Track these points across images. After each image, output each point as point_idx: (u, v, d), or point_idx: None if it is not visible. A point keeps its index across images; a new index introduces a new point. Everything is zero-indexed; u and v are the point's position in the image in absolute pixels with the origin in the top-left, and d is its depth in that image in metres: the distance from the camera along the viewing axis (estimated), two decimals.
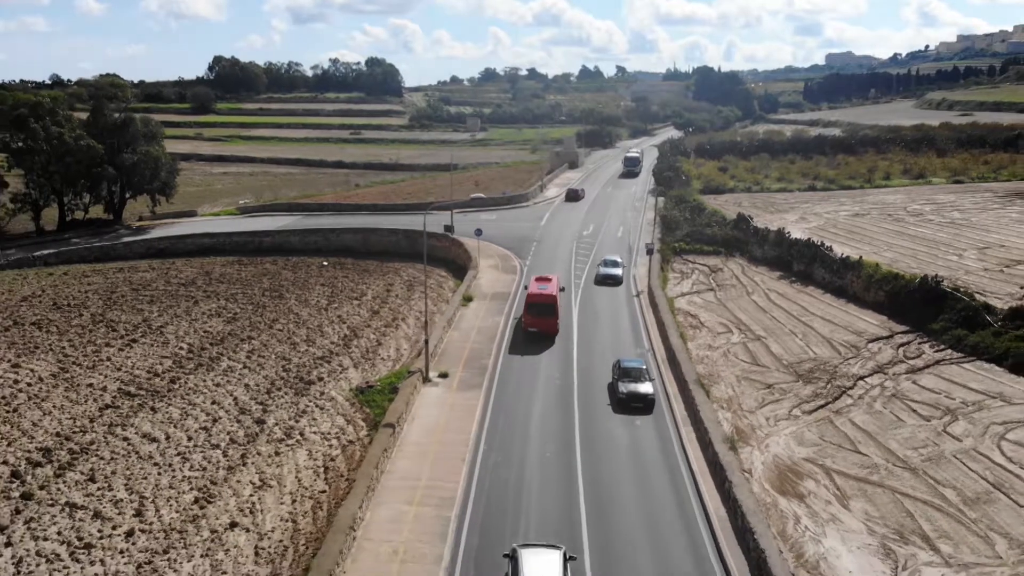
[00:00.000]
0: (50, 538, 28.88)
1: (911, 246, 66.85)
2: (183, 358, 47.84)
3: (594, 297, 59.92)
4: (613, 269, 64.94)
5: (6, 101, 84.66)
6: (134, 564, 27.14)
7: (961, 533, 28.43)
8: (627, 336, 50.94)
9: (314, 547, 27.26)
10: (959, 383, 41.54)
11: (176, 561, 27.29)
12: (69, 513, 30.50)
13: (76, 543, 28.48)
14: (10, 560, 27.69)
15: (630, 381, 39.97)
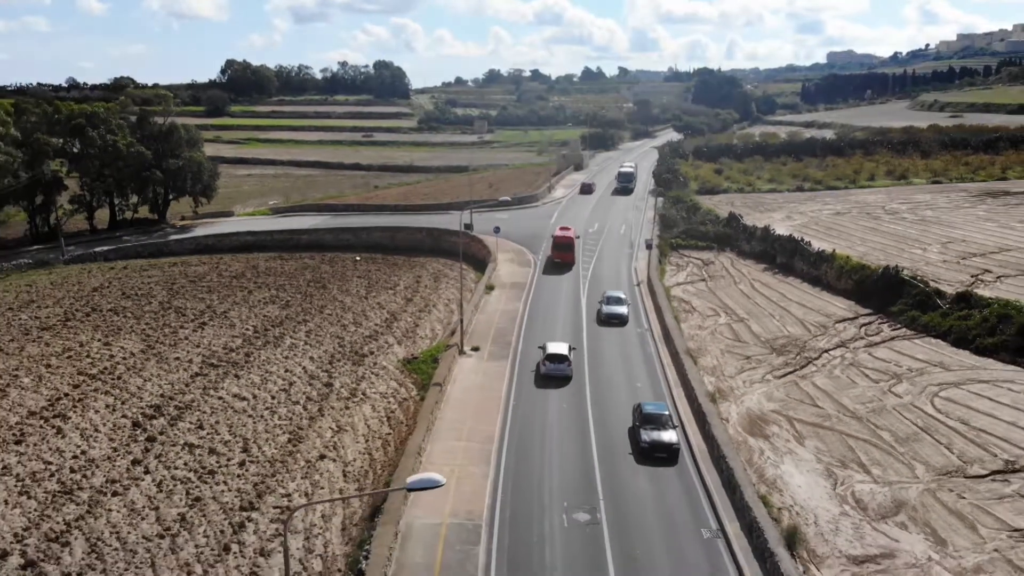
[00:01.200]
0: (179, 467, 37.18)
1: (882, 241, 74.99)
2: (251, 337, 56.16)
3: (599, 292, 68.04)
4: (618, 307, 58.67)
5: (63, 111, 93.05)
6: (251, 484, 35.42)
7: (889, 461, 36.59)
8: (629, 316, 59.13)
9: (389, 470, 35.55)
10: (907, 354, 49.68)
11: (282, 482, 35.58)
12: (189, 450, 38.81)
13: (201, 470, 36.77)
14: (151, 483, 35.97)
15: (653, 429, 37.31)
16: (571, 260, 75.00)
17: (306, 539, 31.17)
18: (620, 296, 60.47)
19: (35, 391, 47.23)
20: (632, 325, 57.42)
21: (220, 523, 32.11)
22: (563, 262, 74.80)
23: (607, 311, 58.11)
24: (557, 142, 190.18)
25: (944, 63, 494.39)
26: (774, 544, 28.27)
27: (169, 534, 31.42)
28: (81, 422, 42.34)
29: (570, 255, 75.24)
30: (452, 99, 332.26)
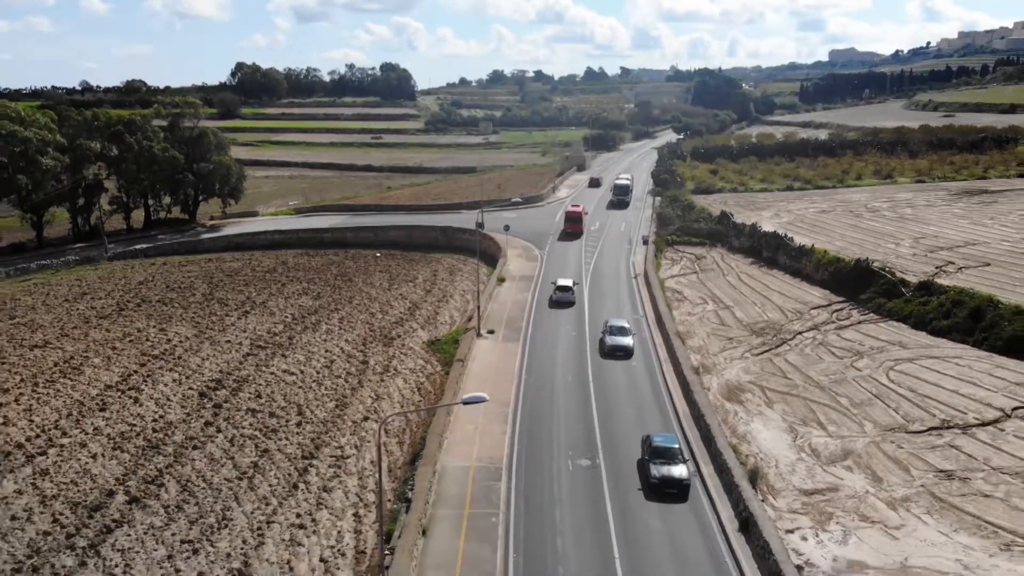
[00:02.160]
0: (245, 427, 44.13)
1: (860, 237, 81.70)
2: (290, 323, 63.14)
3: (602, 284, 74.88)
4: (622, 338, 54.06)
5: (101, 118, 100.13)
6: (308, 439, 42.39)
7: (844, 421, 43.38)
8: (626, 305, 66.00)
9: (424, 427, 42.43)
10: (871, 336, 56.47)
11: (335, 438, 42.52)
12: (252, 414, 45.77)
13: (265, 429, 43.74)
14: (224, 439, 42.90)
15: (663, 463, 36.25)
16: (580, 231, 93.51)
17: (359, 479, 38.13)
18: (624, 325, 55.77)
19: (107, 369, 54.25)
20: (629, 312, 64.25)
21: (287, 468, 39.07)
22: (574, 232, 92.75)
23: (611, 343, 53.66)
24: (560, 143, 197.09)
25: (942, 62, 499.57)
26: (739, 479, 35.08)
27: (246, 476, 38.40)
28: (154, 393, 49.33)
29: (579, 226, 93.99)
30: (457, 100, 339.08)
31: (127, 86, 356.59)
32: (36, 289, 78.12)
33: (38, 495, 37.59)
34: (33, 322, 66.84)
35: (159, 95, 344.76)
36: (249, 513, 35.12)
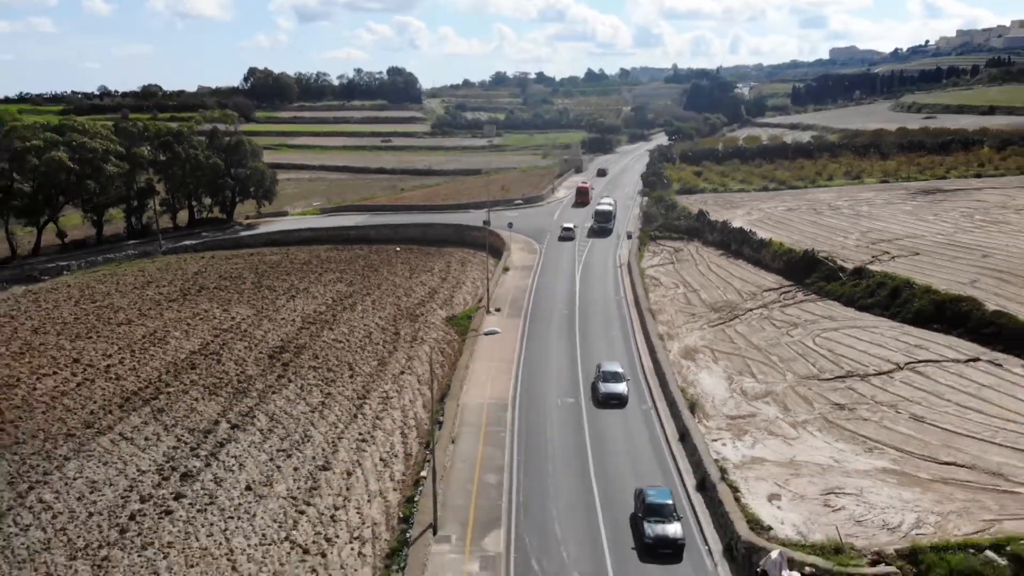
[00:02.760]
0: (310, 379, 57.04)
1: (816, 231, 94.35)
2: (331, 305, 76.08)
3: (592, 274, 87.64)
4: (615, 385, 51.32)
5: (151, 129, 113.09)
6: (360, 386, 55.29)
7: (771, 372, 56.08)
8: (611, 289, 78.78)
9: (447, 378, 55.30)
10: (808, 311, 69.21)
11: (380, 385, 55.42)
12: (313, 370, 58.70)
13: (325, 380, 56.64)
14: (295, 387, 55.78)
15: (657, 522, 35.32)
16: (587, 201, 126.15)
17: (402, 412, 51.05)
18: (617, 371, 53.02)
19: (187, 339, 67.25)
20: (612, 293, 77.06)
21: (347, 405, 52.00)
22: (581, 202, 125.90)
23: (605, 390, 51.02)
24: (560, 145, 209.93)
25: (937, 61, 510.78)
26: (682, 408, 47.91)
27: (317, 411, 51.35)
28: (231, 356, 62.31)
29: (587, 197, 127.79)
30: (461, 103, 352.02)
31: (143, 91, 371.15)
32: (106, 279, 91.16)
33: (161, 425, 50.53)
34: (113, 305, 79.88)
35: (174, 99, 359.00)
36: (323, 433, 48.05)
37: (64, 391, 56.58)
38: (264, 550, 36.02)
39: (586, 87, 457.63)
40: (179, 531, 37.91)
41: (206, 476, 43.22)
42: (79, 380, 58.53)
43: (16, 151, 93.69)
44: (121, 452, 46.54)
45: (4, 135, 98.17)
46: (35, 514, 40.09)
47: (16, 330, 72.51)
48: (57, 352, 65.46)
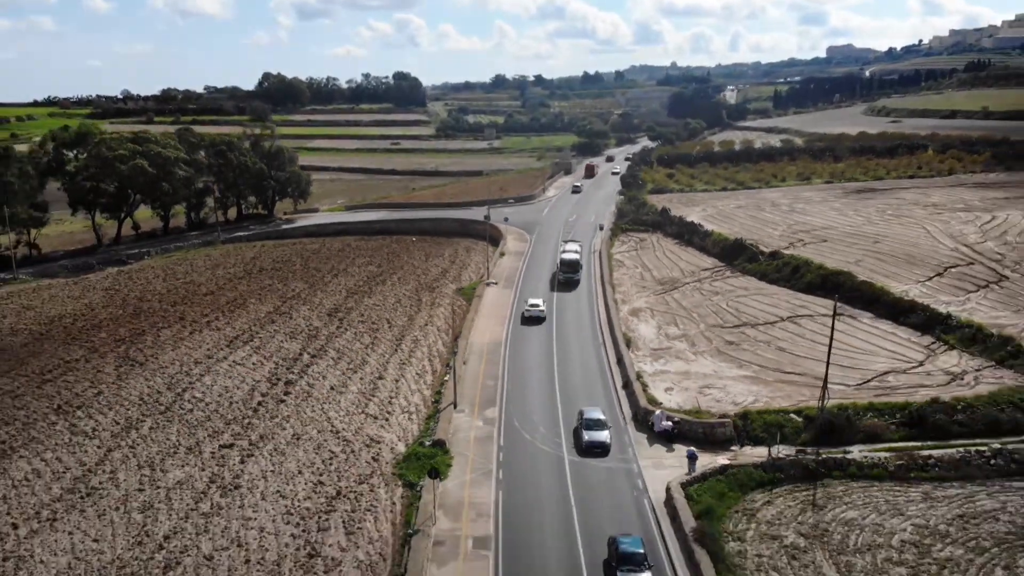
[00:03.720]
0: (361, 329, 79.23)
1: (753, 224, 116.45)
2: (366, 281, 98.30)
3: None
4: (598, 433, 51.49)
5: (205, 139, 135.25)
6: (396, 334, 77.49)
7: (689, 323, 78.15)
8: (583, 268, 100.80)
9: (459, 328, 77.56)
10: (730, 284, 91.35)
11: (410, 333, 77.63)
12: (361, 323, 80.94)
13: (371, 330, 78.86)
14: (351, 333, 78.00)
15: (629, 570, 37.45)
16: (594, 173, 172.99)
17: (428, 349, 73.34)
18: (600, 418, 53.29)
19: (261, 304, 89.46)
20: (586, 270, 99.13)
21: (389, 344, 74.23)
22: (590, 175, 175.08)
23: (588, 439, 51.30)
24: (554, 148, 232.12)
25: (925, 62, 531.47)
26: (620, 344, 70.11)
27: (368, 347, 73.52)
28: (299, 315, 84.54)
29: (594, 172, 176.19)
30: (464, 106, 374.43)
31: (163, 94, 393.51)
32: (181, 262, 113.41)
33: (261, 356, 72.66)
34: (194, 281, 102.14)
35: (193, 102, 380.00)
36: (375, 360, 70.31)
37: (181, 337, 78.78)
38: (349, 418, 58.21)
39: (582, 90, 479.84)
40: (292, 411, 60.04)
41: (301, 383, 65.42)
42: (190, 331, 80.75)
43: (106, 159, 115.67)
44: (238, 371, 68.77)
45: (94, 146, 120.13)
46: (193, 403, 62.23)
47: (125, 298, 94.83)
48: (164, 313, 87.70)
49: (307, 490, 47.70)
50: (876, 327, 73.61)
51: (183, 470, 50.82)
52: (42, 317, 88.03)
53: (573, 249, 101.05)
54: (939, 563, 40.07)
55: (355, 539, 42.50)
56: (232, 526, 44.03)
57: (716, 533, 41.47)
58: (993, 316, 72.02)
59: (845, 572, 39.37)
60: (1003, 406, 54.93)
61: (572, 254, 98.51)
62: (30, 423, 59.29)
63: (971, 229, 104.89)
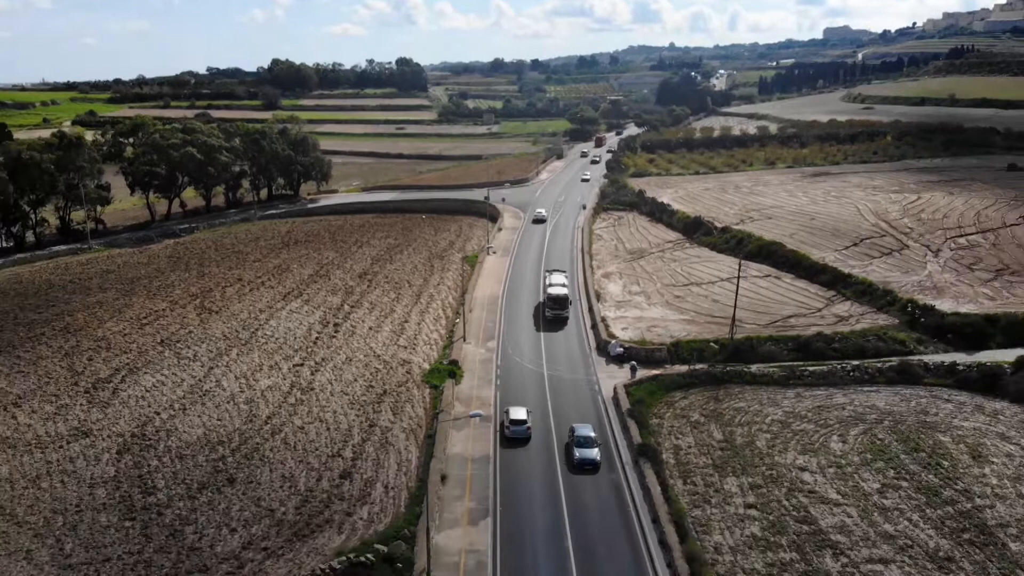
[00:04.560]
0: (386, 287, 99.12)
1: (714, 204, 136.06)
2: (386, 251, 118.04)
3: (558, 232, 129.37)
4: (589, 451, 53.81)
5: (240, 128, 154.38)
6: (415, 291, 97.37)
7: (649, 282, 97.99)
8: (568, 241, 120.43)
9: (465, 286, 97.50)
10: (687, 254, 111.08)
11: (426, 290, 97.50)
12: (386, 282, 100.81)
13: (394, 288, 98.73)
14: (379, 291, 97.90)
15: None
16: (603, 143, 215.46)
17: (440, 302, 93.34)
18: (591, 436, 55.55)
19: (303, 269, 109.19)
20: (568, 244, 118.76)
21: (410, 298, 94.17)
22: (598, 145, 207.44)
23: (580, 456, 53.81)
24: (548, 133, 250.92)
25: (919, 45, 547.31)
26: (592, 298, 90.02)
27: (394, 300, 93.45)
28: (335, 277, 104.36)
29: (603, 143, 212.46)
30: (463, 91, 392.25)
31: (177, 80, 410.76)
32: (226, 235, 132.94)
33: (310, 306, 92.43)
34: (241, 251, 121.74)
35: (206, 87, 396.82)
36: (400, 309, 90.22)
37: (243, 294, 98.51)
38: (385, 347, 78.12)
39: (578, 74, 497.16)
40: (342, 343, 79.90)
41: (346, 325, 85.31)
42: (248, 288, 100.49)
43: (159, 147, 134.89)
44: (295, 317, 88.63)
45: (149, 135, 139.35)
46: (265, 339, 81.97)
47: (187, 264, 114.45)
48: (223, 276, 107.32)
49: (362, 390, 67.78)
50: (794, 285, 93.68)
51: (270, 379, 70.85)
52: (123, 279, 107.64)
53: (560, 282, 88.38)
54: (794, 432, 60.11)
55: (399, 417, 62.61)
56: (313, 411, 64.10)
57: (644, 412, 61.63)
58: (885, 276, 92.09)
59: (728, 435, 59.44)
60: (869, 338, 75.07)
61: (560, 288, 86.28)
62: (143, 352, 79.14)
63: (895, 208, 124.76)
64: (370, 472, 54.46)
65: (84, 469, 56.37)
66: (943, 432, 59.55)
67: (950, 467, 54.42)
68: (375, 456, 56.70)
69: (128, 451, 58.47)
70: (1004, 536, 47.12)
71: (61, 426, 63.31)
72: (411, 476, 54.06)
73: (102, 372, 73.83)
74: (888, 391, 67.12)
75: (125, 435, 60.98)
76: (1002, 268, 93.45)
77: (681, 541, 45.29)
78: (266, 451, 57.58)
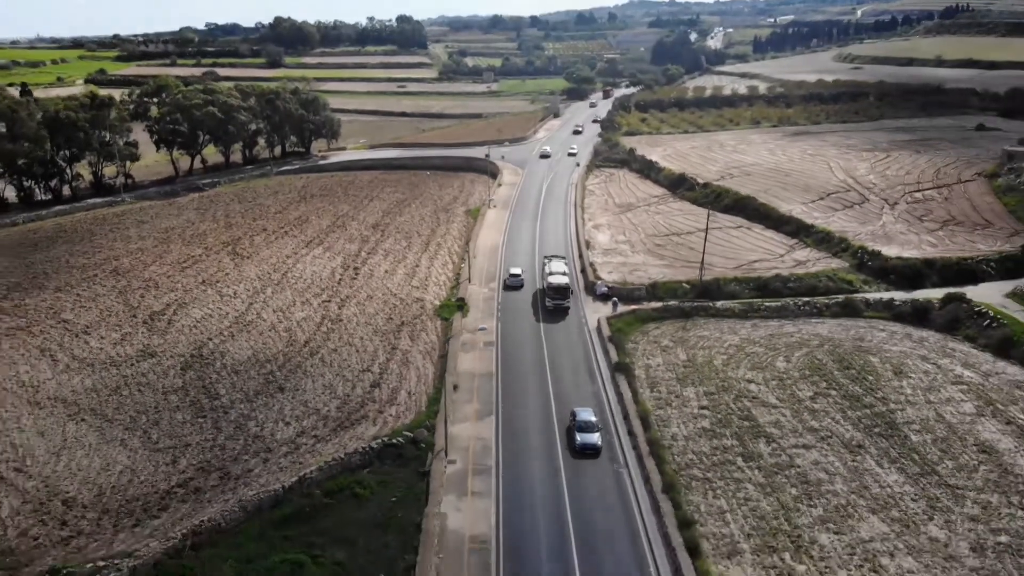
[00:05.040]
0: (399, 237, 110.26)
1: (699, 161, 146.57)
2: (395, 204, 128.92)
3: (553, 188, 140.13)
4: (590, 436, 55.21)
5: (255, 89, 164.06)
6: (424, 240, 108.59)
7: (634, 233, 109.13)
8: (563, 195, 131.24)
9: (468, 235, 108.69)
10: (671, 207, 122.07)
11: (434, 240, 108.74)
12: (397, 233, 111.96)
13: (407, 236, 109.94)
14: (392, 240, 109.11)
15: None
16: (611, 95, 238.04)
17: (447, 250, 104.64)
18: (592, 420, 56.74)
19: (321, 220, 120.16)
20: (563, 197, 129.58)
21: (420, 246, 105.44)
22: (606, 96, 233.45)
23: (581, 440, 55.24)
24: (546, 92, 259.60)
25: None
26: (582, 246, 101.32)
27: (407, 248, 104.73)
28: (351, 228, 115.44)
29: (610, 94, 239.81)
30: (463, 49, 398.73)
31: (180, 38, 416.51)
32: (246, 189, 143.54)
33: (331, 253, 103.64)
34: (262, 204, 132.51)
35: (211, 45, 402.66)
36: (412, 256, 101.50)
37: (269, 242, 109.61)
38: (400, 287, 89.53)
39: (576, 31, 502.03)
40: (362, 284, 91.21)
41: (364, 268, 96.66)
42: (274, 237, 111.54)
43: (183, 107, 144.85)
44: (318, 262, 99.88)
45: (173, 96, 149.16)
46: (294, 280, 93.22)
47: (214, 215, 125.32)
48: (248, 226, 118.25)
49: (383, 321, 79.39)
50: (762, 234, 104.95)
51: (303, 312, 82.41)
52: (156, 229, 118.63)
53: (560, 270, 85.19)
54: (747, 354, 71.81)
55: (416, 342, 74.31)
56: (343, 337, 75.74)
57: (622, 339, 73.32)
58: (843, 226, 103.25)
59: (691, 356, 71.17)
60: (821, 279, 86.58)
61: (560, 277, 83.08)
62: (188, 290, 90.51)
63: (864, 165, 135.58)
64: (395, 383, 66.29)
65: (156, 381, 68.14)
66: (874, 355, 71.27)
67: (873, 381, 66.22)
68: (398, 371, 68.48)
69: (191, 367, 70.20)
70: (908, 431, 58.98)
71: (129, 349, 74.95)
72: (429, 385, 65.88)
73: (155, 306, 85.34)
74: (832, 322, 78.83)
75: (185, 355, 72.66)
76: (948, 219, 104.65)
77: (645, 431, 57.22)
78: (307, 367, 69.35)
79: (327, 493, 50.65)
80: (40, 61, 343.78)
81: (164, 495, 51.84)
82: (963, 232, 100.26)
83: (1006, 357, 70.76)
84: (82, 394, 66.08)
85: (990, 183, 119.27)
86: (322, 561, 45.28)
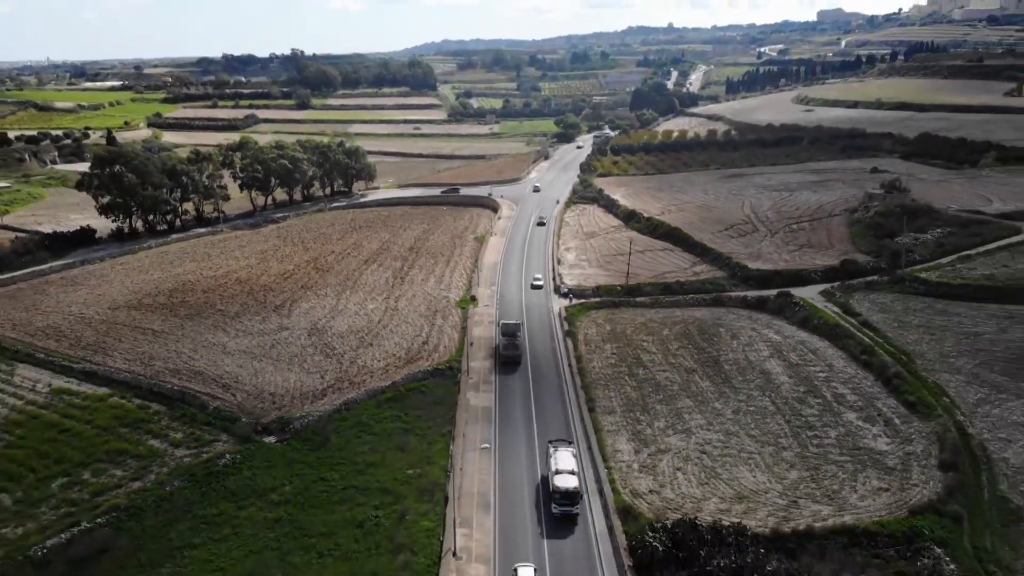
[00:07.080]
0: (427, 256, 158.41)
1: (650, 199, 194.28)
2: (424, 232, 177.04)
3: (539, 216, 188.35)
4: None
5: (308, 144, 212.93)
6: (445, 258, 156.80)
7: (592, 253, 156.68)
8: (543, 227, 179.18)
9: (476, 256, 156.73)
10: (622, 235, 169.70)
11: (452, 258, 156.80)
12: (427, 255, 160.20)
13: (432, 256, 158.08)
14: (423, 259, 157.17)
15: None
16: None
17: (463, 265, 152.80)
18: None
19: (371, 244, 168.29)
20: (545, 228, 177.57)
21: (442, 262, 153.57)
22: None
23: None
24: (540, 133, 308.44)
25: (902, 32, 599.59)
26: (554, 261, 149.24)
27: (436, 263, 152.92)
28: (394, 248, 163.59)
29: None
30: (468, 90, 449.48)
31: (217, 80, 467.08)
32: (308, 222, 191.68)
33: (382, 268, 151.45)
34: (324, 233, 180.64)
35: (247, 88, 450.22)
36: (438, 269, 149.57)
37: (339, 260, 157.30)
38: (434, 290, 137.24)
39: (571, 70, 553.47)
40: (407, 288, 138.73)
41: (407, 278, 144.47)
42: (341, 257, 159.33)
43: (262, 159, 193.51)
44: (376, 273, 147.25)
45: (252, 151, 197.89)
46: (362, 284, 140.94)
47: (292, 240, 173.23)
48: (320, 249, 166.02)
49: (424, 309, 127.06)
50: (679, 255, 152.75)
51: (372, 304, 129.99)
52: (254, 251, 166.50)
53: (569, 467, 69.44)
54: (648, 328, 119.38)
55: (446, 321, 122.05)
56: (400, 318, 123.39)
57: (573, 319, 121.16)
58: (732, 249, 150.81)
59: (613, 327, 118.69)
60: (705, 283, 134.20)
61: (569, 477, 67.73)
62: (294, 292, 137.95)
63: (769, 203, 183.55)
64: (435, 342, 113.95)
65: (294, 341, 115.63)
66: (723, 327, 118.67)
67: (716, 341, 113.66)
68: (436, 337, 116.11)
69: (313, 334, 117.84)
70: (724, 364, 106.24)
71: (268, 326, 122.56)
72: (455, 343, 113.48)
73: (276, 301, 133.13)
74: (705, 309, 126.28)
75: (307, 328, 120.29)
76: (805, 244, 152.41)
77: (578, 363, 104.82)
78: (383, 335, 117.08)
79: (407, 390, 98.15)
80: (99, 104, 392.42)
81: (320, 392, 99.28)
82: (812, 252, 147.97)
83: (805, 329, 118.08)
84: (246, 349, 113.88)
85: (849, 217, 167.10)
86: (407, 419, 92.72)
